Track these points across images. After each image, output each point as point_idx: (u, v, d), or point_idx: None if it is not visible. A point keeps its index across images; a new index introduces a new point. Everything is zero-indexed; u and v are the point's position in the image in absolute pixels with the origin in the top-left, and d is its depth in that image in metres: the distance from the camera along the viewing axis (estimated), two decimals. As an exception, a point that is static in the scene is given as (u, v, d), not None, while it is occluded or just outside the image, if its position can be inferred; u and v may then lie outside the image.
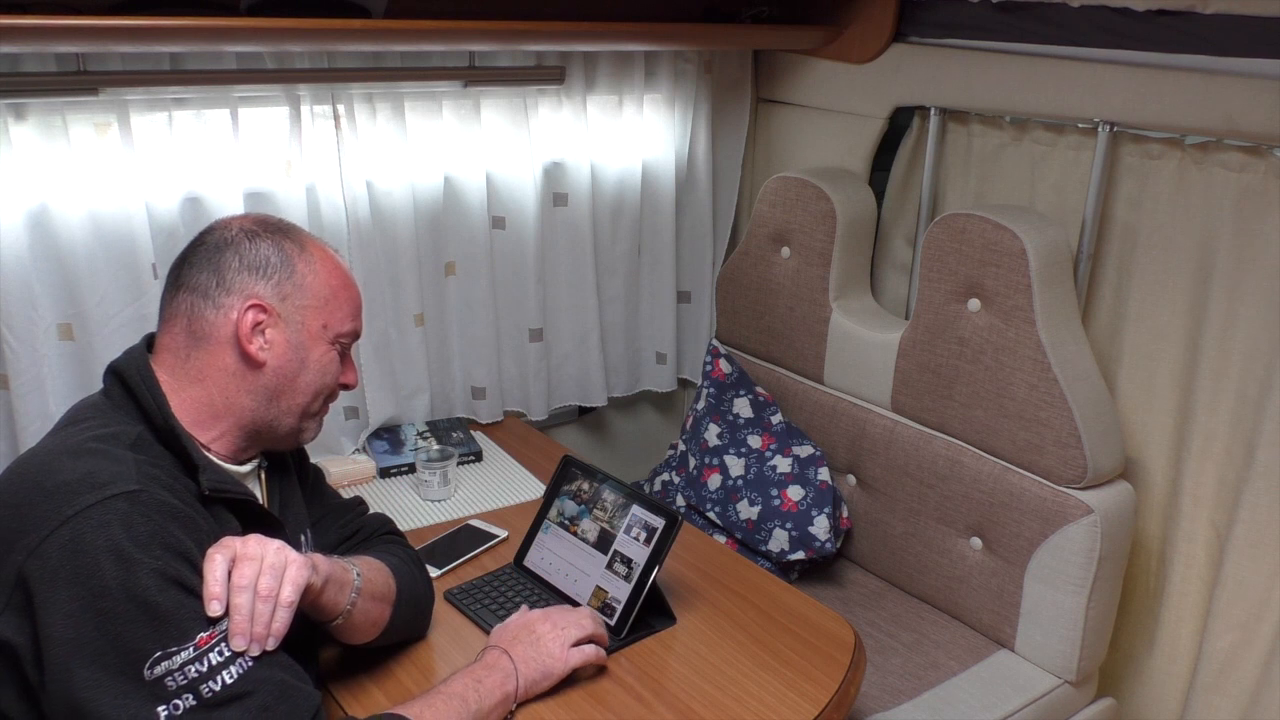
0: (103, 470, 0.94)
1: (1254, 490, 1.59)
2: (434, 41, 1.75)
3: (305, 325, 1.14)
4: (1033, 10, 1.73)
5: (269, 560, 0.98)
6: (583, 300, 2.22)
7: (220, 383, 1.10)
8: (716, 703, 1.30)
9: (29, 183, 1.57)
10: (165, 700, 0.88)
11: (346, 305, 1.18)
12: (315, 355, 1.15)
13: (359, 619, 1.18)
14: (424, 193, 1.97)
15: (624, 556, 1.46)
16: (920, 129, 2.05)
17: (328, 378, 1.17)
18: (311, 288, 1.14)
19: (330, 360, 1.17)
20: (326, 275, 1.16)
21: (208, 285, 1.09)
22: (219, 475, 1.07)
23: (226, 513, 1.07)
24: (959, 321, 1.77)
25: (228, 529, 1.05)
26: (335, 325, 1.16)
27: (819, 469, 1.96)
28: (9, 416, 1.64)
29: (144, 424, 1.05)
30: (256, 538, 1.00)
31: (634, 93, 2.15)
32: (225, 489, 1.06)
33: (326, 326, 1.15)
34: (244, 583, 0.95)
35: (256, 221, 1.15)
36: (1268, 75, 1.48)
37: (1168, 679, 1.79)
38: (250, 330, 1.09)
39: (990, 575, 1.78)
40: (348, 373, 1.21)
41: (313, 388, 1.16)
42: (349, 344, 1.20)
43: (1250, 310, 1.59)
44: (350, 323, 1.19)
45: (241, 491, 1.09)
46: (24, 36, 1.34)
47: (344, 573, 1.14)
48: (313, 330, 1.14)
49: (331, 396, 1.20)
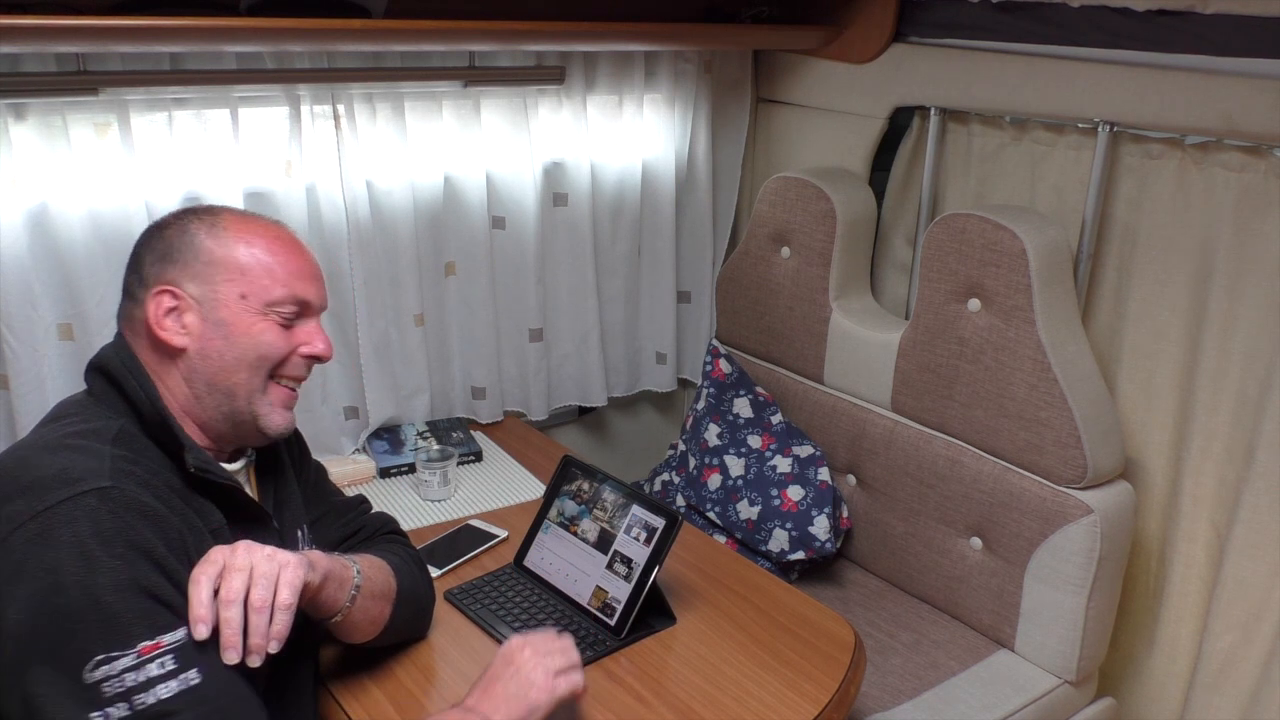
0: (77, 466, 0.94)
1: (1254, 490, 1.59)
2: (434, 41, 1.75)
3: (220, 300, 1.08)
4: (1033, 10, 1.73)
5: (260, 569, 0.96)
6: (583, 300, 2.22)
7: (164, 379, 1.09)
8: (716, 703, 1.30)
9: (29, 183, 1.57)
10: (99, 706, 0.86)
11: (272, 272, 1.11)
12: (240, 328, 1.09)
13: (358, 617, 1.17)
14: (424, 193, 1.97)
15: (624, 556, 1.46)
16: (920, 129, 2.05)
17: (263, 349, 1.10)
18: (222, 260, 1.09)
19: (262, 331, 1.10)
20: (239, 245, 1.10)
21: (132, 284, 1.10)
22: (205, 457, 1.06)
23: (210, 504, 1.06)
24: (959, 321, 1.77)
25: (210, 522, 1.04)
26: (258, 294, 1.10)
27: (819, 469, 1.96)
28: (9, 416, 1.64)
29: (129, 416, 1.04)
30: (246, 546, 0.98)
31: (634, 93, 2.15)
32: (210, 471, 1.05)
33: (245, 296, 1.09)
34: (233, 596, 0.94)
35: (173, 213, 1.13)
36: (1268, 75, 1.48)
37: (1168, 679, 1.79)
38: (161, 317, 1.07)
39: (990, 575, 1.78)
40: (311, 341, 1.15)
41: (246, 362, 1.09)
42: (292, 312, 1.13)
43: (1250, 310, 1.59)
44: (280, 288, 1.11)
45: (226, 477, 1.08)
46: (24, 36, 1.34)
47: (344, 570, 1.14)
48: (229, 303, 1.08)
49: (285, 370, 1.13)
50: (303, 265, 1.15)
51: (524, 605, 1.49)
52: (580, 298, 2.22)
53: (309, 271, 1.15)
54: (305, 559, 1.03)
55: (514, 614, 1.47)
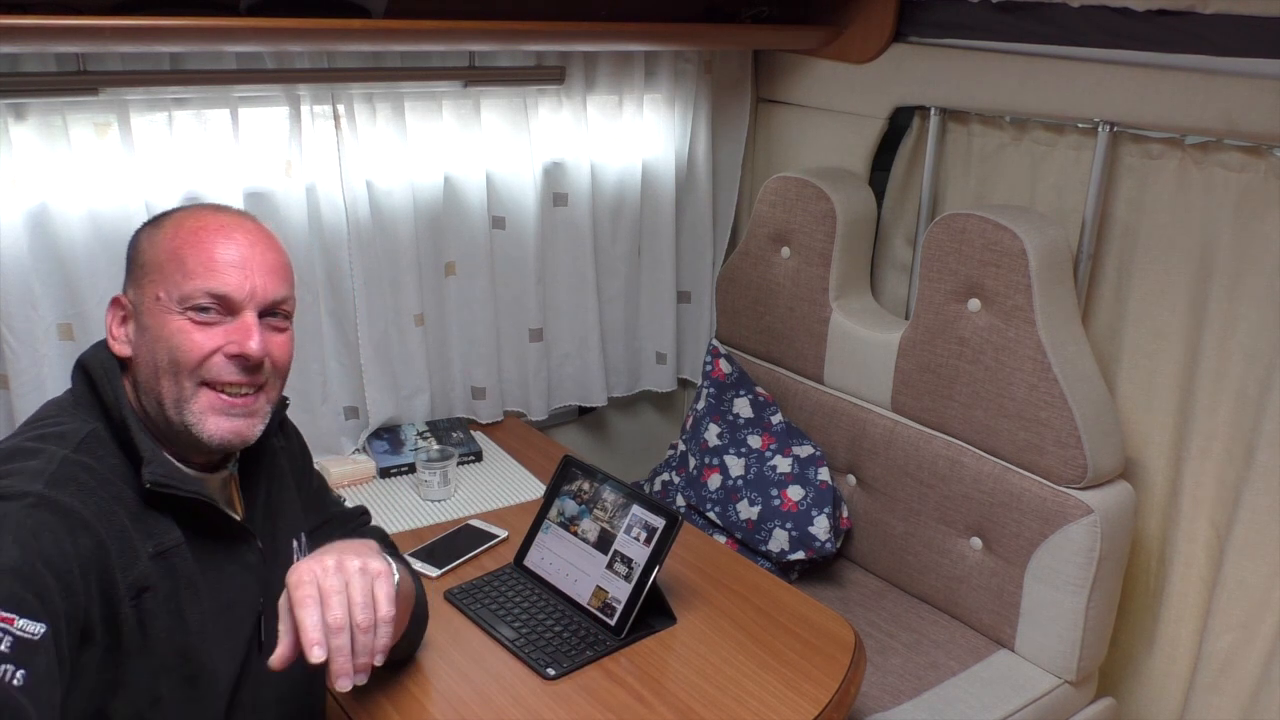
0: (24, 468, 0.93)
1: (1254, 490, 1.59)
2: (434, 41, 1.75)
3: (145, 304, 1.03)
4: (1033, 10, 1.73)
5: (354, 587, 0.95)
6: (583, 300, 2.22)
7: (130, 386, 1.06)
8: (716, 703, 1.30)
9: (29, 183, 1.57)
10: None
11: (183, 265, 1.02)
12: (155, 330, 1.02)
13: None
14: (424, 193, 1.97)
15: (624, 556, 1.46)
16: (920, 129, 2.05)
17: (174, 351, 1.01)
18: (150, 261, 1.04)
19: (173, 332, 1.01)
20: (170, 242, 1.04)
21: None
22: (166, 470, 1.01)
23: (167, 521, 1.01)
24: (959, 321, 1.77)
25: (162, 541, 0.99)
26: (173, 289, 1.02)
27: (819, 469, 1.96)
28: (9, 416, 1.64)
29: (104, 420, 1.02)
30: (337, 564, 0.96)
31: (634, 93, 2.15)
32: (170, 485, 0.99)
33: (161, 297, 1.02)
34: (339, 623, 0.93)
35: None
36: (1268, 75, 1.48)
37: (1167, 679, 1.79)
38: (113, 326, 1.06)
39: (990, 575, 1.78)
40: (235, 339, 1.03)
41: (169, 370, 1.02)
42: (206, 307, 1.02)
43: (1250, 310, 1.59)
44: (190, 282, 1.01)
45: (189, 490, 1.01)
46: (24, 36, 1.34)
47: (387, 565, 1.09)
48: (149, 306, 1.03)
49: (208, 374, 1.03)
50: (227, 256, 1.03)
51: (524, 605, 1.49)
52: (580, 298, 2.22)
53: (234, 261, 1.03)
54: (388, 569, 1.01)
55: (514, 614, 1.47)
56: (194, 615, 1.01)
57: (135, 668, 0.96)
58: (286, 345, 1.10)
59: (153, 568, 0.98)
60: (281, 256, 1.10)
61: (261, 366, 1.06)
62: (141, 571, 0.96)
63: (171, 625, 0.99)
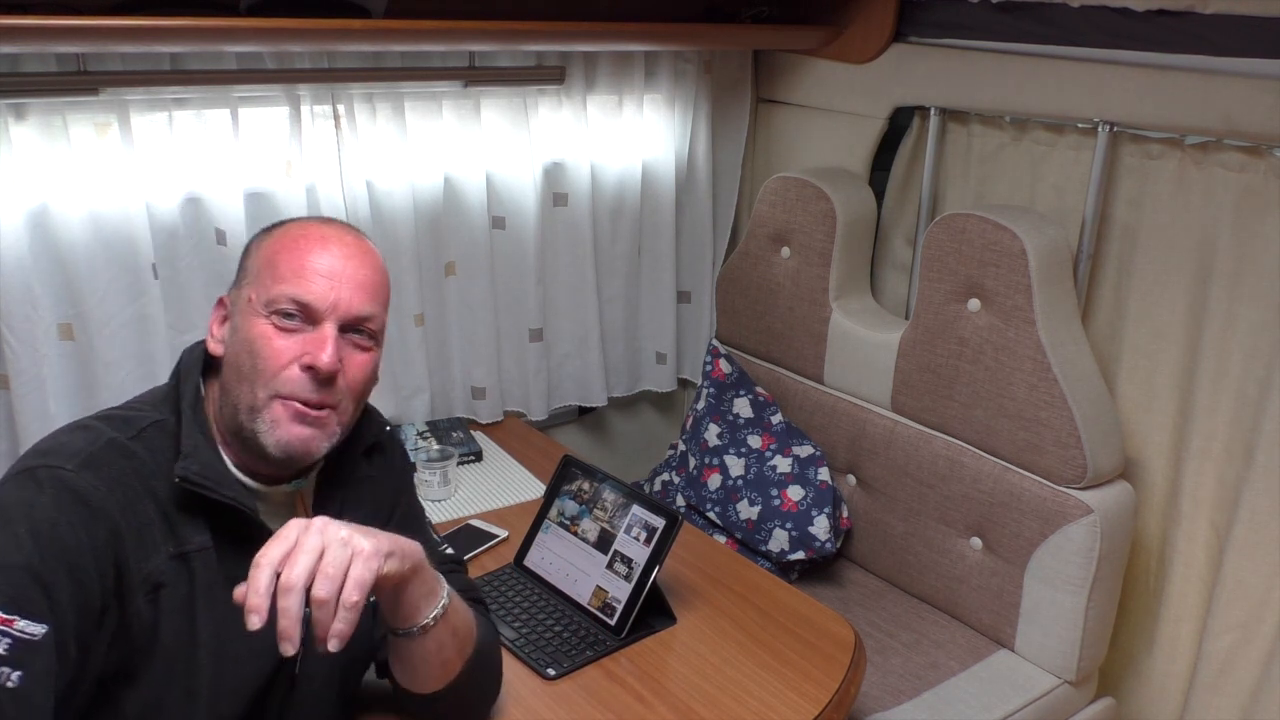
0: (67, 445, 0.95)
1: (1254, 490, 1.59)
2: (434, 41, 1.75)
3: (240, 305, 1.03)
4: (1033, 10, 1.73)
5: (329, 556, 0.87)
6: (583, 300, 2.22)
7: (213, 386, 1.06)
8: (716, 703, 1.30)
9: (29, 183, 1.57)
10: None
11: (275, 268, 1.01)
12: (243, 331, 1.01)
13: (432, 646, 1.05)
14: (424, 193, 1.97)
15: (624, 556, 1.46)
16: (920, 129, 2.05)
17: (256, 357, 0.99)
18: (252, 266, 1.04)
19: (256, 335, 1.00)
20: (270, 248, 1.04)
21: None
22: (205, 470, 0.97)
23: (199, 523, 0.98)
24: (959, 321, 1.77)
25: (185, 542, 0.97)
26: (262, 292, 1.01)
27: (819, 469, 1.96)
28: (9, 416, 1.64)
29: (176, 414, 1.01)
30: (321, 524, 0.89)
31: (634, 93, 2.15)
32: (204, 486, 0.96)
33: (252, 299, 1.01)
34: (293, 583, 0.84)
35: None
36: (1268, 75, 1.48)
37: (1167, 679, 1.79)
38: (212, 325, 1.06)
39: (990, 575, 1.78)
40: (310, 350, 1.00)
41: (249, 377, 1.00)
42: (289, 313, 1.00)
43: (1250, 310, 1.59)
44: (278, 286, 1.00)
45: (226, 495, 0.97)
46: (24, 36, 1.34)
47: (434, 580, 1.04)
48: (243, 308, 1.02)
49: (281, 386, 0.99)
50: (318, 264, 1.01)
51: (524, 605, 1.49)
52: (580, 298, 2.22)
53: (323, 270, 1.01)
54: (388, 547, 0.93)
55: (514, 614, 1.47)
56: (206, 625, 0.98)
57: (144, 665, 0.95)
58: (366, 366, 1.05)
59: (170, 567, 0.96)
60: (377, 275, 1.06)
61: (334, 383, 1.01)
62: (157, 567, 0.95)
63: (181, 631, 0.97)
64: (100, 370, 1.67)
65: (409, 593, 1.00)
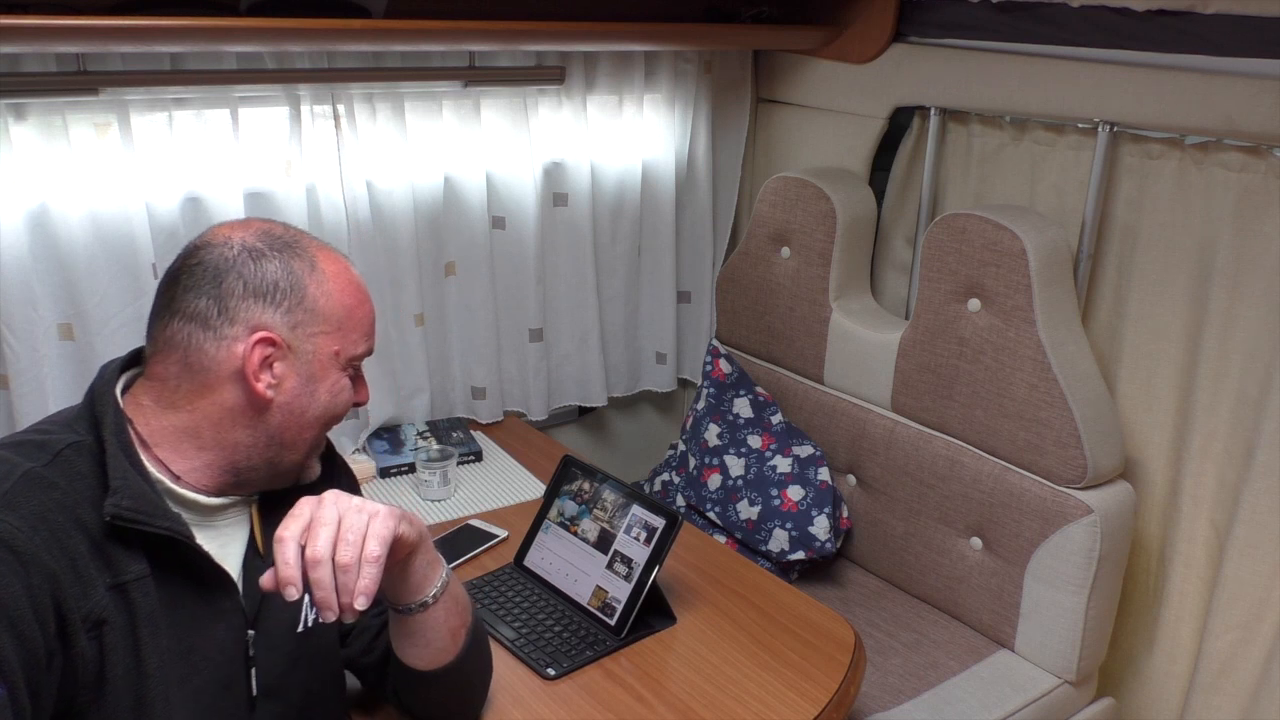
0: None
1: (1254, 490, 1.59)
2: (434, 41, 1.75)
3: (317, 355, 1.01)
4: (1033, 10, 1.73)
5: (348, 523, 0.91)
6: (583, 300, 2.22)
7: (214, 417, 0.98)
8: (716, 703, 1.30)
9: (29, 183, 1.57)
10: None
11: (362, 325, 1.06)
12: (326, 385, 1.03)
13: (439, 619, 1.08)
14: (424, 193, 1.97)
15: (624, 556, 1.46)
16: (920, 129, 2.05)
17: (338, 408, 1.05)
18: (325, 311, 1.01)
19: (342, 388, 1.05)
20: (340, 295, 1.03)
21: (208, 314, 0.96)
22: (136, 502, 0.92)
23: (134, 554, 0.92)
24: (959, 321, 1.77)
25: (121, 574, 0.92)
26: (349, 349, 1.04)
27: (819, 469, 1.96)
28: (9, 416, 1.64)
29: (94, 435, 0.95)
30: (334, 496, 0.93)
31: (634, 93, 2.15)
32: (137, 520, 0.91)
33: (339, 353, 1.03)
34: (320, 555, 0.88)
35: (260, 235, 1.01)
36: (1268, 75, 1.48)
37: (1168, 679, 1.79)
38: (259, 367, 0.97)
39: (990, 575, 1.78)
40: (360, 391, 1.09)
41: (321, 421, 1.04)
42: (360, 363, 1.08)
43: (1250, 310, 1.59)
44: (365, 343, 1.07)
45: (161, 526, 0.92)
46: (24, 36, 1.34)
47: (434, 551, 1.07)
48: (324, 359, 1.02)
49: (336, 421, 1.08)
50: (373, 313, 1.08)
51: (524, 605, 1.49)
52: (580, 298, 2.22)
53: (375, 316, 1.10)
54: (399, 513, 0.97)
55: (514, 614, 1.47)
56: (152, 656, 0.93)
57: (92, 705, 0.90)
58: None
59: (109, 600, 0.90)
60: None
61: None
62: (97, 603, 0.89)
63: (127, 664, 0.92)
64: (100, 370, 1.67)
65: (416, 563, 1.03)
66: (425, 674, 1.12)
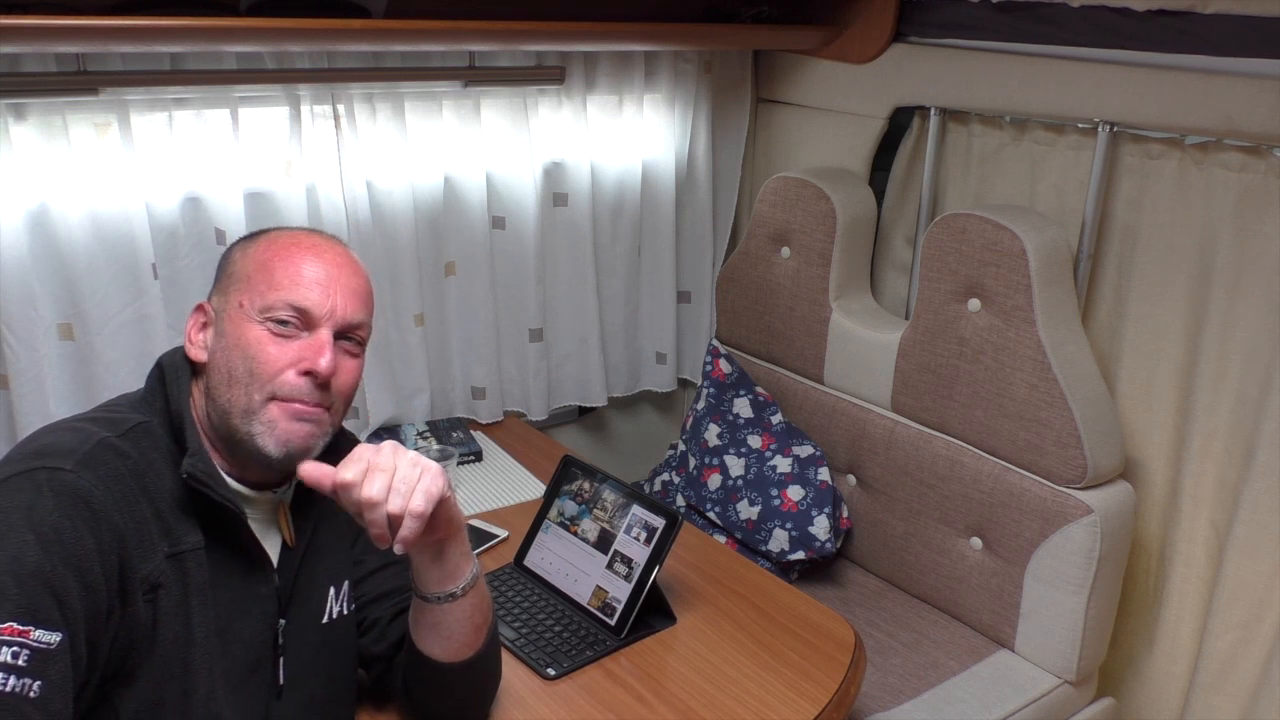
0: (59, 444, 0.94)
1: (1254, 490, 1.59)
2: (434, 41, 1.75)
3: (228, 310, 1.04)
4: (1033, 10, 1.73)
5: (401, 473, 0.97)
6: (583, 300, 2.22)
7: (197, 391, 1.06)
8: (716, 703, 1.30)
9: (29, 183, 1.57)
10: None
11: (271, 276, 1.03)
12: (234, 337, 1.03)
13: (468, 610, 1.11)
14: (424, 193, 1.97)
15: (624, 556, 1.46)
16: (920, 129, 2.05)
17: (251, 362, 1.01)
18: (240, 271, 1.05)
19: (250, 341, 1.02)
20: (260, 254, 1.06)
21: None
22: (207, 468, 1.00)
23: (193, 526, 1.00)
24: (959, 321, 1.77)
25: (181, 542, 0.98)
26: (257, 299, 1.03)
27: (819, 469, 1.96)
28: (9, 416, 1.64)
29: (161, 417, 1.03)
30: (391, 445, 0.99)
31: (634, 93, 2.15)
32: (205, 484, 0.99)
33: (244, 304, 1.03)
34: (375, 498, 0.95)
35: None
36: (1268, 75, 1.48)
37: (1168, 679, 1.79)
38: (192, 332, 1.07)
39: (990, 575, 1.78)
40: (308, 356, 1.02)
41: (237, 376, 1.01)
42: (286, 319, 1.03)
43: (1250, 310, 1.59)
44: (274, 293, 1.02)
45: (222, 495, 1.00)
46: (24, 36, 1.34)
47: (468, 542, 1.10)
48: (233, 313, 1.04)
49: (280, 390, 1.02)
50: (314, 272, 1.04)
51: (524, 605, 1.49)
52: (580, 298, 2.22)
53: (319, 278, 1.04)
54: (448, 477, 1.02)
55: (514, 614, 1.47)
56: (200, 626, 1.00)
57: (143, 665, 0.96)
58: (354, 372, 1.09)
59: (167, 567, 0.97)
60: (366, 284, 1.11)
61: (328, 387, 1.04)
62: (156, 568, 0.96)
63: (177, 631, 0.98)
64: (100, 370, 1.67)
65: (450, 552, 1.07)
66: (442, 666, 1.13)
